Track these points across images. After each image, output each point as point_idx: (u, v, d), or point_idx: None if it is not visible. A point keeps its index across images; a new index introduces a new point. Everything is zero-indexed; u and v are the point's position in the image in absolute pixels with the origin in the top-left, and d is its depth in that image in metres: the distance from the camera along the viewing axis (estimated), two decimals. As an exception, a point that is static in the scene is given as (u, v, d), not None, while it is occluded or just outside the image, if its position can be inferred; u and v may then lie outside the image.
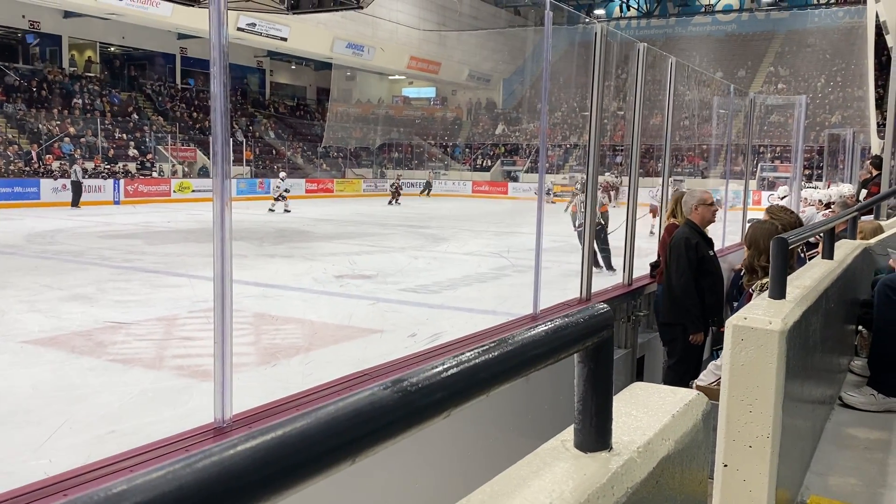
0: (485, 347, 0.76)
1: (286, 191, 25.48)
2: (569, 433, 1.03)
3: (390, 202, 30.09)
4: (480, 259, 13.62)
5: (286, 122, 41.48)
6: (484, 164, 41.71)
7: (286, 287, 10.23)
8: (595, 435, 0.99)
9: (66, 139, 28.84)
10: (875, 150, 19.10)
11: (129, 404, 5.42)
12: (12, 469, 3.96)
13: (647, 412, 1.16)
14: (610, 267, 10.91)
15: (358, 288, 10.44)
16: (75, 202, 24.27)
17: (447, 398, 0.67)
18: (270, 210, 23.96)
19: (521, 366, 0.80)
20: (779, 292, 2.37)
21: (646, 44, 5.68)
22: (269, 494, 0.48)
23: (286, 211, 23.85)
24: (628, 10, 49.03)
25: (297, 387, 3.13)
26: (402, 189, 31.70)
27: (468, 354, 0.74)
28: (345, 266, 12.15)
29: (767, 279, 2.60)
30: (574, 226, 13.16)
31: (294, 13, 13.55)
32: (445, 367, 0.69)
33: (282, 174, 28.59)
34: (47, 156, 27.24)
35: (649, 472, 1.00)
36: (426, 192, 36.54)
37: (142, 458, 2.24)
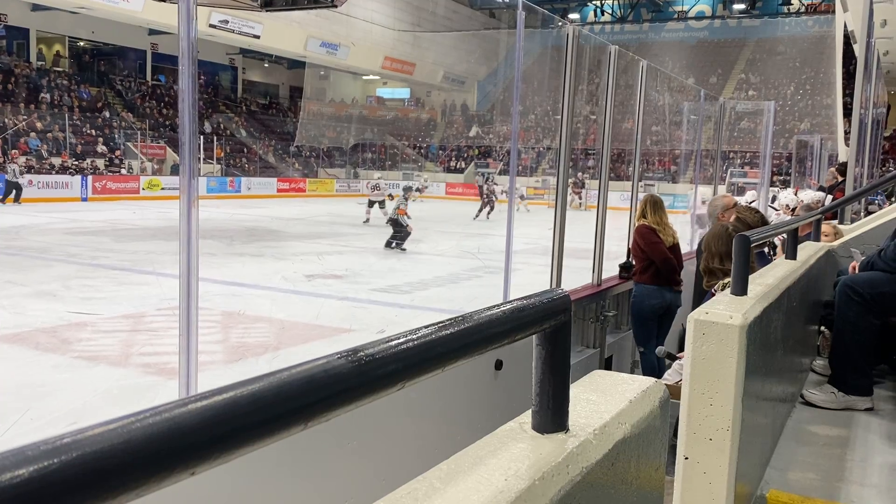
0: (442, 324, 0.77)
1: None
2: (527, 416, 1.05)
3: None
4: (452, 260, 13.65)
5: (258, 119, 41.20)
6: (458, 166, 41.77)
7: (256, 286, 10.17)
8: (552, 417, 1.00)
9: (33, 134, 28.38)
10: (842, 158, 19.46)
11: (93, 402, 5.35)
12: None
13: (605, 397, 1.18)
14: None
15: (328, 287, 10.40)
16: (16, 199, 23.34)
17: (401, 370, 0.68)
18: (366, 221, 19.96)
19: (477, 343, 0.81)
20: (741, 289, 2.42)
21: (617, 47, 5.74)
22: (218, 453, 0.49)
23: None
24: (602, 14, 49.45)
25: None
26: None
27: (425, 330, 0.75)
28: (315, 265, 12.10)
29: (729, 279, 2.64)
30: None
31: (267, 10, 13.45)
32: (401, 340, 0.71)
33: (377, 175, 26.22)
34: (12, 150, 26.78)
35: (605, 454, 1.02)
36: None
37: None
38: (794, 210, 8.74)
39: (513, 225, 5.06)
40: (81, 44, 35.40)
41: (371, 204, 20.47)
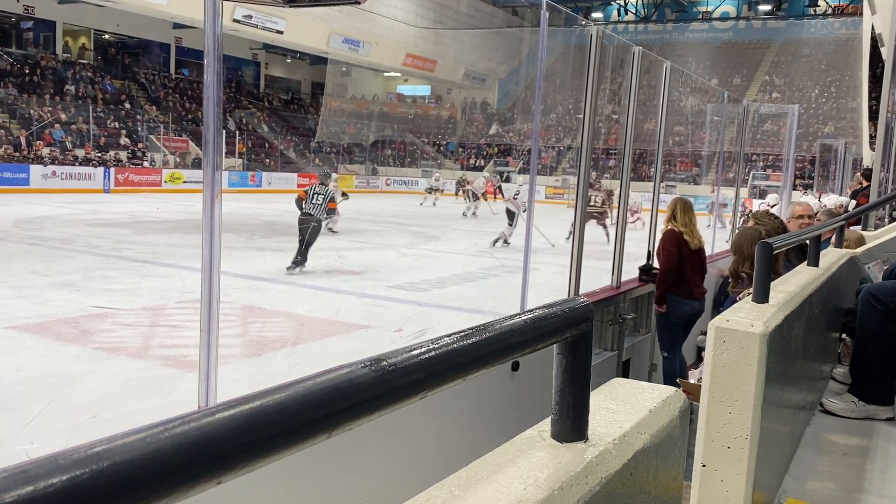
0: (464, 333, 0.77)
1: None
2: (546, 424, 1.05)
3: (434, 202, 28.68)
4: (470, 258, 13.65)
5: (280, 115, 41.39)
6: (477, 164, 41.75)
7: (275, 280, 10.24)
8: (571, 426, 1.00)
9: (57, 125, 28.69)
10: (867, 162, 19.25)
11: (113, 392, 5.41)
12: (-5, 452, 3.95)
13: (625, 406, 1.17)
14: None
15: (347, 283, 10.44)
16: None
17: (424, 380, 0.68)
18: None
19: (499, 353, 0.82)
20: (762, 296, 2.40)
21: (641, 47, 5.71)
22: (245, 463, 0.50)
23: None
24: (626, 14, 49.18)
25: (283, 378, 3.14)
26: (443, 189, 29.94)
27: (447, 339, 0.75)
28: (334, 261, 12.15)
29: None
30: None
31: (291, 6, 13.53)
32: (424, 349, 0.71)
33: (436, 173, 27.14)
34: (38, 142, 27.10)
35: (624, 464, 1.02)
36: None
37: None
38: (815, 215, 8.65)
39: (532, 226, 5.06)
40: (107, 37, 35.73)
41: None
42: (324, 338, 7.37)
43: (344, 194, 17.39)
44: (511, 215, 15.10)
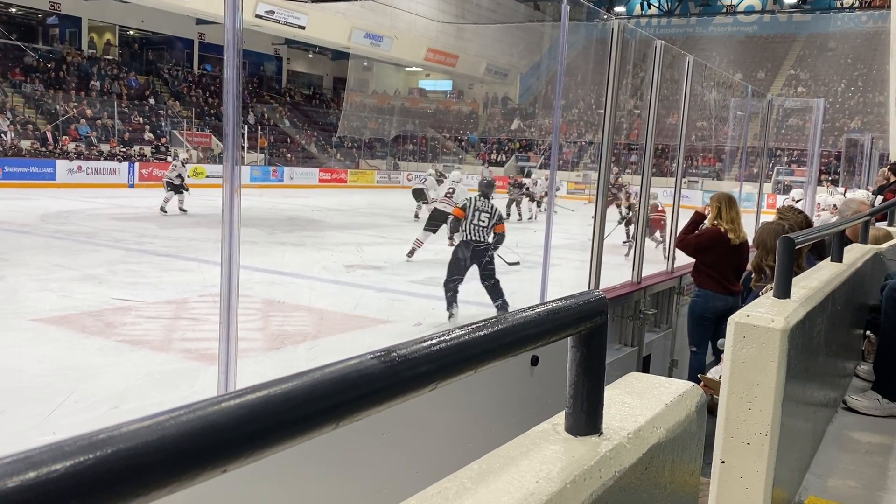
0: (476, 325, 0.77)
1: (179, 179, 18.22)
2: (560, 417, 1.04)
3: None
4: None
5: (301, 110, 41.54)
6: (498, 159, 41.65)
7: (296, 275, 10.28)
8: (585, 419, 1.00)
9: (83, 121, 28.99)
10: (894, 157, 18.96)
11: (135, 384, 5.47)
12: (18, 442, 4.00)
13: (640, 400, 1.17)
14: None
15: (367, 278, 10.47)
16: None
17: (434, 371, 0.68)
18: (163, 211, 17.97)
19: (511, 345, 0.81)
20: (783, 291, 2.37)
21: (663, 41, 5.65)
22: (250, 451, 0.50)
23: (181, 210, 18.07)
24: (649, 8, 48.78)
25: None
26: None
27: (459, 331, 0.75)
28: (355, 256, 12.18)
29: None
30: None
31: (313, 2, 13.56)
32: (434, 341, 0.71)
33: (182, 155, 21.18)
34: (63, 137, 27.42)
35: (638, 458, 1.01)
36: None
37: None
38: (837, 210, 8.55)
39: (552, 221, 5.04)
40: (131, 33, 36.05)
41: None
42: (343, 332, 7.40)
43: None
44: (438, 218, 12.03)
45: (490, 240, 7.89)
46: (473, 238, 7.82)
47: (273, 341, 6.92)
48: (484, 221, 7.85)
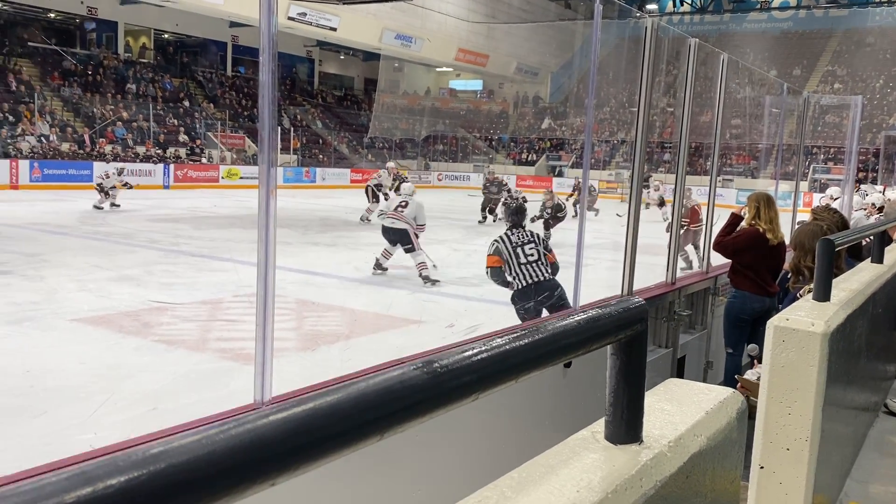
0: (517, 334, 0.76)
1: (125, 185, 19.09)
2: (600, 425, 1.03)
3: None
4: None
5: (333, 111, 41.79)
6: (528, 159, 41.51)
7: (328, 275, 10.35)
8: (626, 427, 0.99)
9: (119, 123, 29.47)
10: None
11: (171, 384, 5.54)
12: (60, 441, 4.08)
13: (680, 408, 1.15)
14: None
15: (399, 279, 10.50)
16: None
17: (476, 381, 0.68)
18: (97, 207, 18.09)
19: (552, 354, 0.81)
20: (823, 294, 2.33)
21: (697, 39, 5.59)
22: (298, 464, 0.50)
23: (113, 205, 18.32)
24: (682, 5, 48.28)
25: (337, 372, 3.18)
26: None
27: (499, 340, 0.75)
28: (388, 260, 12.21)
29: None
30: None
31: (344, 3, 13.63)
32: (475, 351, 0.71)
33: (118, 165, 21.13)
34: (100, 139, 27.88)
35: (679, 467, 1.00)
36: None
37: (181, 437, 2.29)
38: (880, 209, 8.39)
39: (585, 220, 5.01)
40: (166, 36, 36.54)
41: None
42: (375, 332, 7.43)
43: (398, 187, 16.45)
44: (388, 237, 10.85)
45: (551, 274, 6.30)
46: (532, 280, 6.18)
47: (306, 341, 6.97)
48: (533, 254, 6.25)
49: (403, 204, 10.90)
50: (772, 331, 2.07)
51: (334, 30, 33.17)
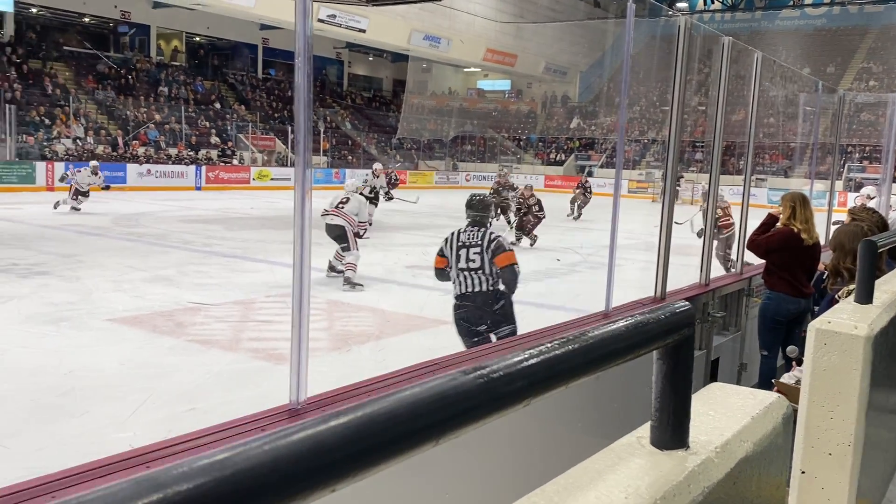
0: (564, 339, 0.76)
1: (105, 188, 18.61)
2: (644, 430, 1.02)
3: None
4: (551, 254, 13.53)
5: (363, 113, 42.00)
6: (557, 159, 41.34)
7: (359, 276, 10.38)
8: (672, 433, 0.98)
9: (152, 126, 29.88)
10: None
11: (206, 383, 5.60)
12: (101, 440, 4.14)
13: (724, 413, 1.14)
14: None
15: (429, 279, 10.50)
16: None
17: (527, 387, 0.68)
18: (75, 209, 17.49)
19: (600, 360, 0.80)
20: (866, 297, 2.29)
21: (731, 38, 5.53)
22: (358, 470, 0.50)
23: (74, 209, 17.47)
24: (712, 3, 47.79)
25: (370, 372, 3.19)
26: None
27: (548, 345, 0.74)
28: (417, 256, 12.23)
29: (854, 285, 2.51)
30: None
31: (374, 5, 13.68)
32: (526, 356, 0.70)
33: (93, 163, 19.75)
34: (133, 141, 28.29)
35: (727, 473, 0.99)
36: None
37: (220, 436, 2.31)
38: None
39: (618, 220, 4.97)
40: (197, 39, 36.99)
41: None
42: (407, 332, 7.45)
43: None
44: (331, 234, 10.39)
45: (492, 284, 5.33)
46: (464, 290, 5.38)
47: (338, 342, 7.01)
48: (475, 260, 5.30)
49: (344, 200, 10.57)
50: (813, 334, 2.04)
51: (363, 31, 33.33)
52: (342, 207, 10.47)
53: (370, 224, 13.41)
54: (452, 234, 5.50)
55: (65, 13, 31.25)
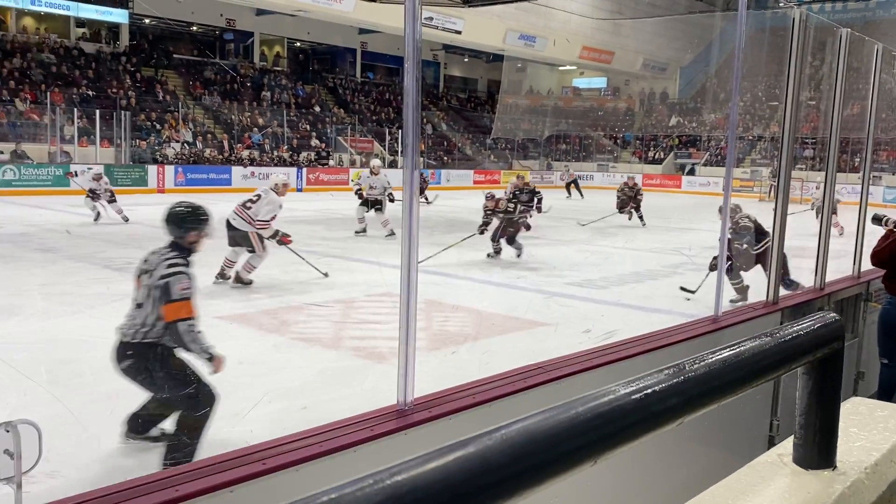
0: (718, 355, 0.73)
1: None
2: (786, 447, 0.98)
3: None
4: (651, 255, 13.24)
5: (459, 113, 42.23)
6: (656, 157, 40.40)
7: (455, 276, 10.43)
8: (818, 452, 0.93)
9: (255, 129, 30.93)
10: None
11: (310, 381, 5.75)
12: (220, 435, 4.29)
13: (871, 430, 1.07)
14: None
15: (524, 279, 10.46)
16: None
17: (681, 405, 0.65)
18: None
19: (752, 375, 0.76)
20: None
21: (849, 30, 5.27)
22: (520, 489, 0.49)
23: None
24: (822, -8, 45.64)
25: (471, 374, 3.20)
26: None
27: (698, 363, 0.71)
28: (511, 257, 12.20)
29: None
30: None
31: (469, 6, 13.71)
32: (677, 371, 0.67)
33: (95, 169, 17.83)
34: (238, 145, 29.36)
35: (878, 496, 0.93)
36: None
37: (331, 435, 2.37)
38: None
39: (727, 221, 4.81)
40: (298, 44, 38.06)
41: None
42: (505, 333, 7.43)
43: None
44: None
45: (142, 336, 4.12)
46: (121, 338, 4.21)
47: (436, 342, 7.05)
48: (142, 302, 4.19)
49: (254, 198, 9.20)
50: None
51: (459, 33, 33.50)
52: (249, 207, 9.15)
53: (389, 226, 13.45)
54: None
55: (175, 22, 32.74)
